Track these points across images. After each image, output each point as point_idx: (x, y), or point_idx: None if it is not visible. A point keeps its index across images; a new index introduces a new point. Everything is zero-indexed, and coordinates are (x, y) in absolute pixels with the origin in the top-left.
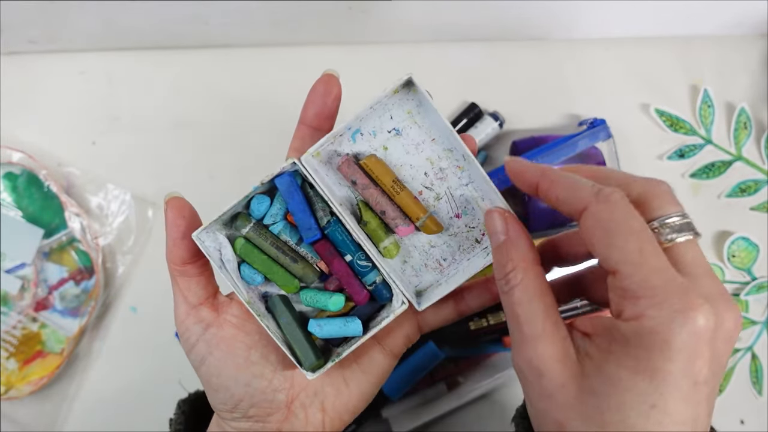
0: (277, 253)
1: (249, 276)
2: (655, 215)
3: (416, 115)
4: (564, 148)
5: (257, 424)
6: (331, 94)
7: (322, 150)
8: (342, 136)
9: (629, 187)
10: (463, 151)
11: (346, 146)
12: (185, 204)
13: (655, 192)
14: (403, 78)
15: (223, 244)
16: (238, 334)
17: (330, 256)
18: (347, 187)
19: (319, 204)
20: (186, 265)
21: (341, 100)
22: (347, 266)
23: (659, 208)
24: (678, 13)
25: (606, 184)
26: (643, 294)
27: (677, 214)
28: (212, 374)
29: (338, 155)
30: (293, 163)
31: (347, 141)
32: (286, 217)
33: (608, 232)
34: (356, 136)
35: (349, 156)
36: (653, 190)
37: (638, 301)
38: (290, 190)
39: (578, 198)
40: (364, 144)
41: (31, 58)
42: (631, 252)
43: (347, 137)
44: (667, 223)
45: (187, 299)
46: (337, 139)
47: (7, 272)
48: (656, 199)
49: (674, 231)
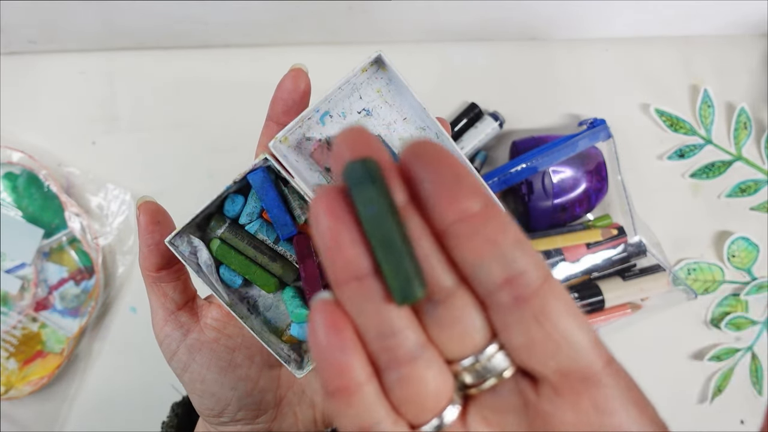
0: (254, 252)
1: (229, 278)
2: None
3: (386, 94)
4: (564, 148)
5: (246, 426)
6: (299, 90)
7: (290, 135)
8: (311, 119)
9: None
10: (436, 129)
11: (316, 130)
12: (158, 208)
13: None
14: (372, 56)
15: (198, 248)
16: (220, 338)
17: (305, 254)
18: (319, 173)
19: (296, 201)
20: (161, 271)
21: (311, 95)
22: (317, 269)
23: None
24: (678, 13)
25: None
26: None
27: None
28: (196, 380)
29: (308, 140)
30: (265, 159)
31: (316, 124)
32: (261, 215)
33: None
34: (325, 119)
35: (322, 141)
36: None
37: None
38: (264, 186)
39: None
40: (334, 126)
41: (31, 58)
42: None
43: (316, 120)
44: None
45: (165, 305)
46: (306, 122)
47: (7, 272)
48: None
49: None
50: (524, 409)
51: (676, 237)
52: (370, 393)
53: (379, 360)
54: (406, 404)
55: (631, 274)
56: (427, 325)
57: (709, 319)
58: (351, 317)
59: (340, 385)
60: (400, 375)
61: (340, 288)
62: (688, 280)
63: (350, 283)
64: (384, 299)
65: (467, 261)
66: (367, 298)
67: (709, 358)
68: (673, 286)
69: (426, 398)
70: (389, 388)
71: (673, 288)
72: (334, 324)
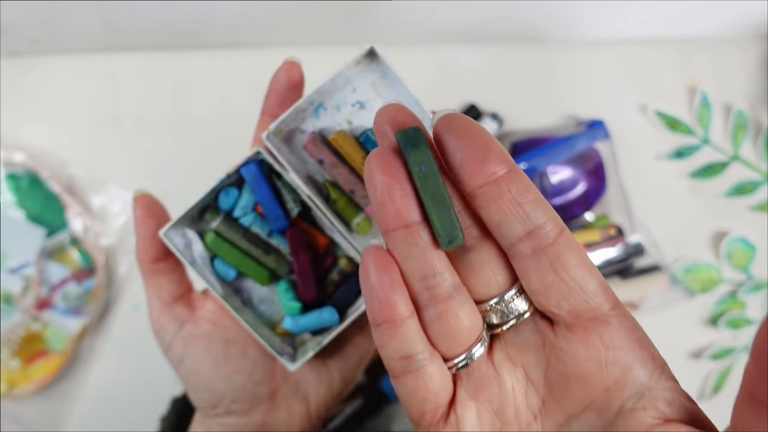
0: (248, 245)
1: (223, 271)
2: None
3: (380, 86)
4: (562, 148)
5: (241, 419)
6: (293, 82)
7: (284, 128)
8: (305, 111)
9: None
10: (430, 122)
11: (310, 122)
12: (154, 202)
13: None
14: (365, 48)
15: (193, 240)
16: (215, 330)
17: (298, 247)
18: (312, 166)
19: (289, 194)
20: (157, 263)
21: (304, 88)
22: (309, 262)
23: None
24: (676, 14)
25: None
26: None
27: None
28: (191, 372)
29: (302, 132)
30: (258, 152)
31: (310, 117)
32: (255, 208)
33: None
34: (319, 111)
35: (315, 134)
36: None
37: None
38: (257, 179)
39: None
40: (328, 119)
41: (32, 59)
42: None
43: (310, 112)
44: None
45: (161, 297)
46: (300, 114)
47: (9, 272)
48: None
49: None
50: (542, 346)
51: (674, 237)
52: (412, 326)
53: (420, 298)
54: (442, 338)
55: (629, 274)
56: (459, 269)
57: (707, 318)
58: (397, 260)
59: (386, 317)
60: (437, 311)
61: (389, 235)
62: (686, 280)
63: (399, 230)
64: (428, 244)
65: (493, 219)
66: (413, 243)
67: (707, 357)
68: (671, 286)
69: (459, 333)
70: (428, 323)
71: (671, 287)
72: (383, 265)
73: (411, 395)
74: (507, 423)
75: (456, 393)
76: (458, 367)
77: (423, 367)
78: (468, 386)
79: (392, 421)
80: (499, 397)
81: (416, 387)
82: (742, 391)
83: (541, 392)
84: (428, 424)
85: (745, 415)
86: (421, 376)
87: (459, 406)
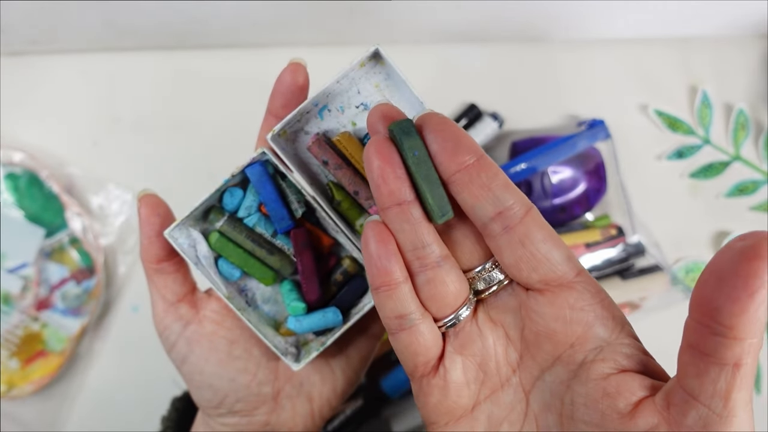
0: (252, 246)
1: (227, 271)
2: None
3: (385, 88)
4: (563, 148)
5: (244, 418)
6: (298, 83)
7: (288, 129)
8: (309, 113)
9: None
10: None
11: (314, 124)
12: (159, 201)
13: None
14: (370, 50)
15: (197, 240)
16: (219, 330)
17: (302, 247)
18: (316, 167)
19: (294, 195)
20: (162, 263)
21: (309, 89)
22: (313, 263)
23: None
24: (677, 14)
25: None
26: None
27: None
28: (194, 372)
29: (306, 134)
30: (263, 152)
31: (314, 118)
32: (260, 209)
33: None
34: (324, 113)
35: (319, 135)
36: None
37: None
38: (262, 180)
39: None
40: (332, 121)
41: (32, 59)
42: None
43: (314, 114)
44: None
45: (165, 297)
46: (304, 116)
47: (8, 272)
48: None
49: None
50: (519, 309)
51: (674, 237)
52: (405, 290)
53: (413, 266)
54: (431, 301)
55: (629, 274)
56: (447, 243)
57: None
58: (393, 234)
59: (383, 282)
60: (427, 277)
61: (384, 212)
62: (686, 280)
63: (393, 207)
64: (419, 220)
65: (467, 202)
66: (405, 219)
67: None
68: (672, 286)
69: (446, 297)
70: (419, 288)
71: (671, 288)
72: (381, 238)
73: (405, 349)
74: (489, 375)
75: (445, 349)
76: (447, 326)
77: (415, 325)
78: (455, 343)
79: (392, 422)
80: (482, 352)
81: (409, 342)
82: (683, 342)
83: (518, 349)
84: (420, 375)
85: (685, 360)
86: (413, 332)
87: (447, 360)
